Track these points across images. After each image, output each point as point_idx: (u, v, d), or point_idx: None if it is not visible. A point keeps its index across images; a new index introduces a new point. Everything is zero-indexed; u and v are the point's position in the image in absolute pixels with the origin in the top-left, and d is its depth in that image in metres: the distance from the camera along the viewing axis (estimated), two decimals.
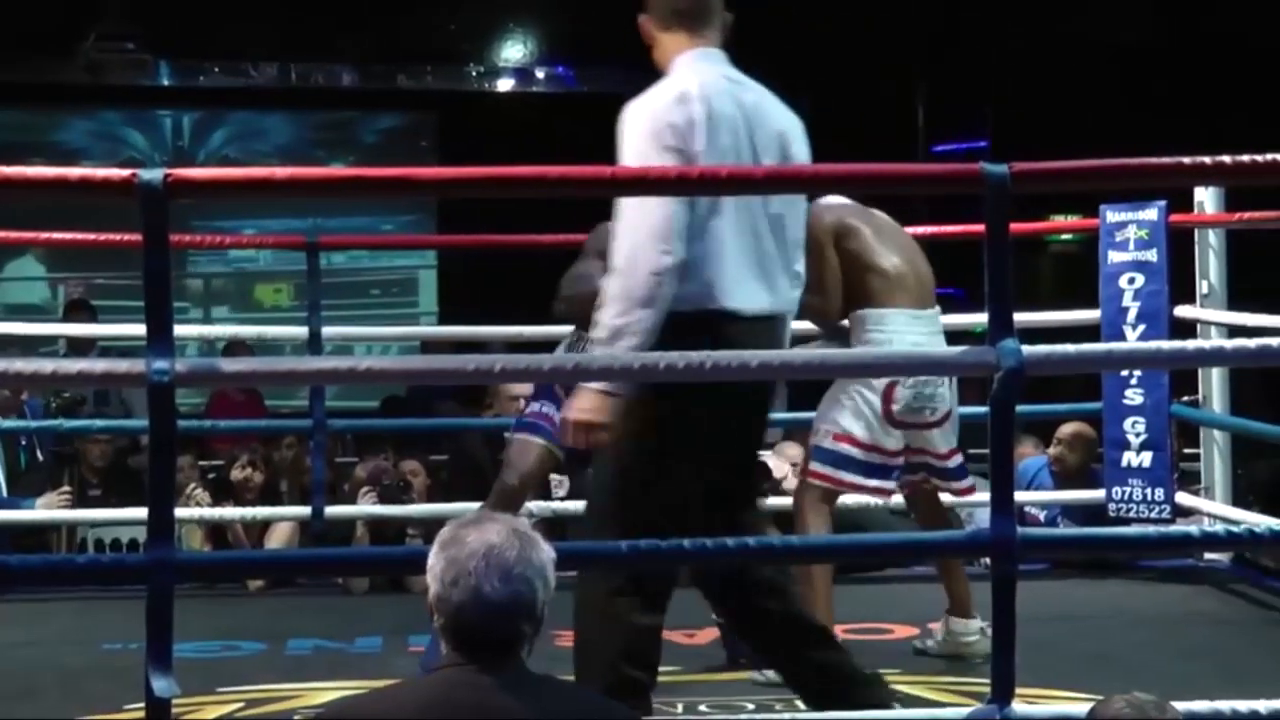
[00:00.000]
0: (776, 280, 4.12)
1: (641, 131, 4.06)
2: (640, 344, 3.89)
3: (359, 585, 6.87)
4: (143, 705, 3.64)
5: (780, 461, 7.13)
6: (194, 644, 5.27)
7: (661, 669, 5.47)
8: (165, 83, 12.88)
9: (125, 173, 3.74)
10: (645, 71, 4.34)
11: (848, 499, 5.68)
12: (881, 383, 5.32)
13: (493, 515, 2.76)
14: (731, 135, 4.04)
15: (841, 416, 5.41)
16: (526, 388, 7.37)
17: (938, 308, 5.55)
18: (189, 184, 3.79)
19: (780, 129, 4.16)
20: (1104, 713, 2.85)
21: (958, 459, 5.59)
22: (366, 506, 7.12)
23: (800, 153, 4.19)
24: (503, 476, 5.60)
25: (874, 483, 5.47)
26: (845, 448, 5.41)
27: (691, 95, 4.05)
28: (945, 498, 5.74)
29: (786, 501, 7.01)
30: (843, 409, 5.41)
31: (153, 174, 3.68)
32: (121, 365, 4.00)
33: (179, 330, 4.18)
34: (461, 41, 13.36)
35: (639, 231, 3.95)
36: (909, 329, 5.38)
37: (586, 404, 3.94)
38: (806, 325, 5.49)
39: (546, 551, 2.73)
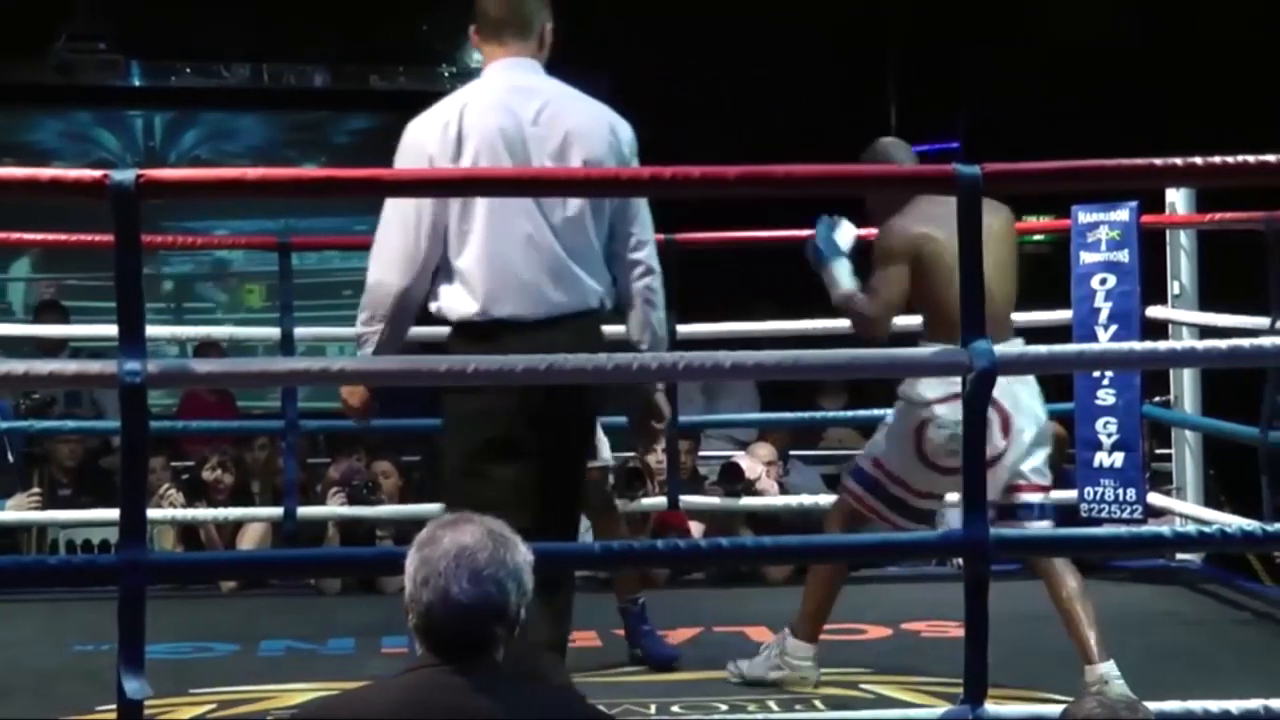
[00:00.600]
0: (573, 283, 4.20)
1: (399, 148, 4.28)
2: (379, 351, 4.26)
3: (331, 586, 6.86)
4: (114, 707, 3.63)
5: (753, 462, 7.14)
6: (166, 645, 5.26)
7: (634, 669, 5.52)
8: (136, 83, 12.83)
9: (96, 173, 3.73)
10: (615, 73, 4.35)
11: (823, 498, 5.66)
12: (914, 420, 5.02)
13: (471, 517, 2.75)
14: (488, 147, 4.15)
15: (884, 440, 5.17)
16: None
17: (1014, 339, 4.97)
18: (160, 185, 3.78)
19: (567, 135, 4.23)
20: (1076, 712, 2.85)
21: (1027, 495, 5.10)
22: (338, 508, 7.12)
23: (586, 157, 4.22)
24: None
25: (894, 517, 5.13)
26: (876, 473, 5.15)
27: (445, 113, 4.23)
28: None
29: (759, 502, 7.05)
30: (886, 432, 5.17)
31: (124, 175, 3.67)
32: (93, 366, 3.99)
33: (151, 331, 4.17)
34: (434, 42, 13.33)
35: (390, 250, 4.23)
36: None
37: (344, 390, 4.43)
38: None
39: (522, 554, 2.72)
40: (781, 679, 5.18)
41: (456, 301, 4.22)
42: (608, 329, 4.33)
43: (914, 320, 5.48)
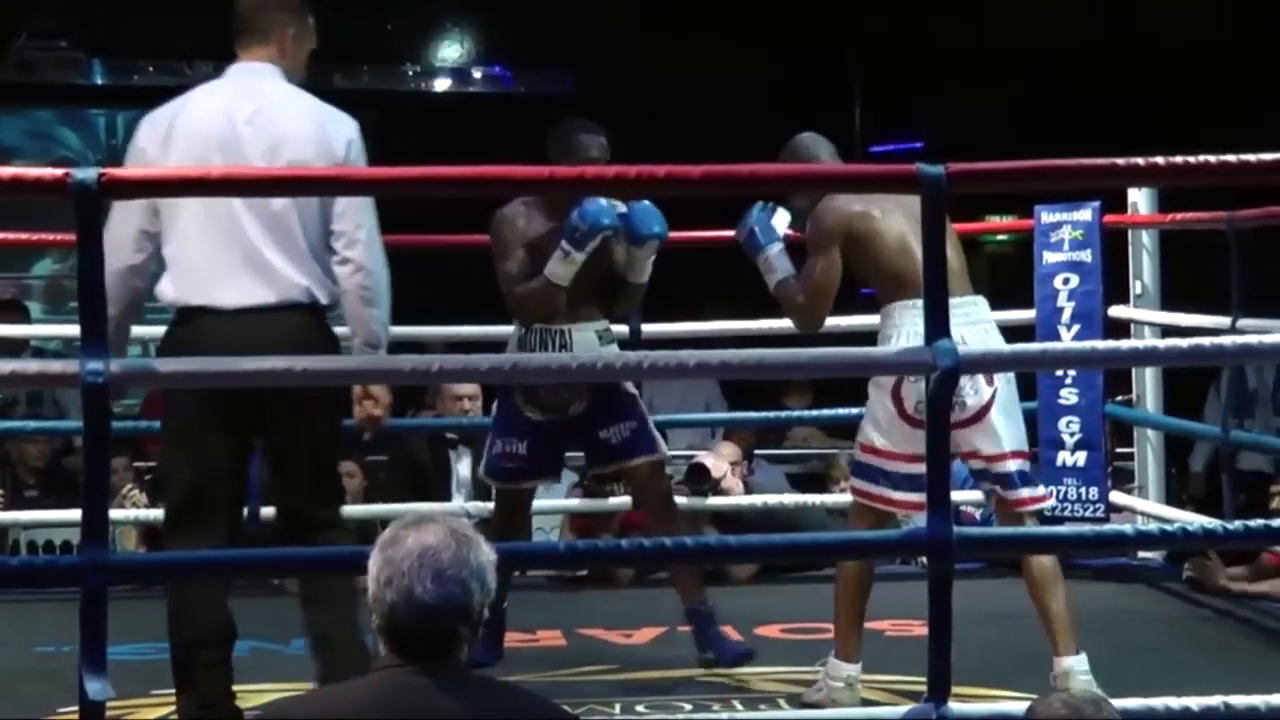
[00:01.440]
0: (270, 276, 4.34)
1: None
2: (112, 335, 4.12)
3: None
4: (76, 708, 3.61)
5: (719, 461, 7.14)
6: (128, 646, 5.23)
7: (599, 668, 5.51)
8: (99, 81, 12.78)
9: (58, 172, 3.73)
10: (581, 73, 4.37)
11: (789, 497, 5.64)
12: (888, 381, 4.87)
13: (434, 516, 2.75)
14: (199, 146, 4.31)
15: (865, 424, 5.01)
16: (469, 388, 7.38)
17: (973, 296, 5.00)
18: (123, 183, 3.78)
19: (277, 137, 4.37)
20: (1041, 711, 2.86)
21: (1015, 463, 4.99)
22: None
23: (292, 159, 4.35)
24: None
25: (903, 496, 4.92)
26: (869, 459, 4.99)
27: (168, 111, 4.50)
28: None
29: (725, 501, 7.05)
30: (866, 416, 5.01)
31: (86, 173, 3.66)
32: (55, 366, 3.98)
33: None
34: (398, 41, 13.32)
35: (108, 235, 4.19)
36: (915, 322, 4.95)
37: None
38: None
39: (486, 553, 2.72)
40: (818, 700, 4.99)
41: (165, 289, 4.42)
42: None
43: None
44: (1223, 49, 11.81)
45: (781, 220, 5.12)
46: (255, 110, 4.41)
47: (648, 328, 6.50)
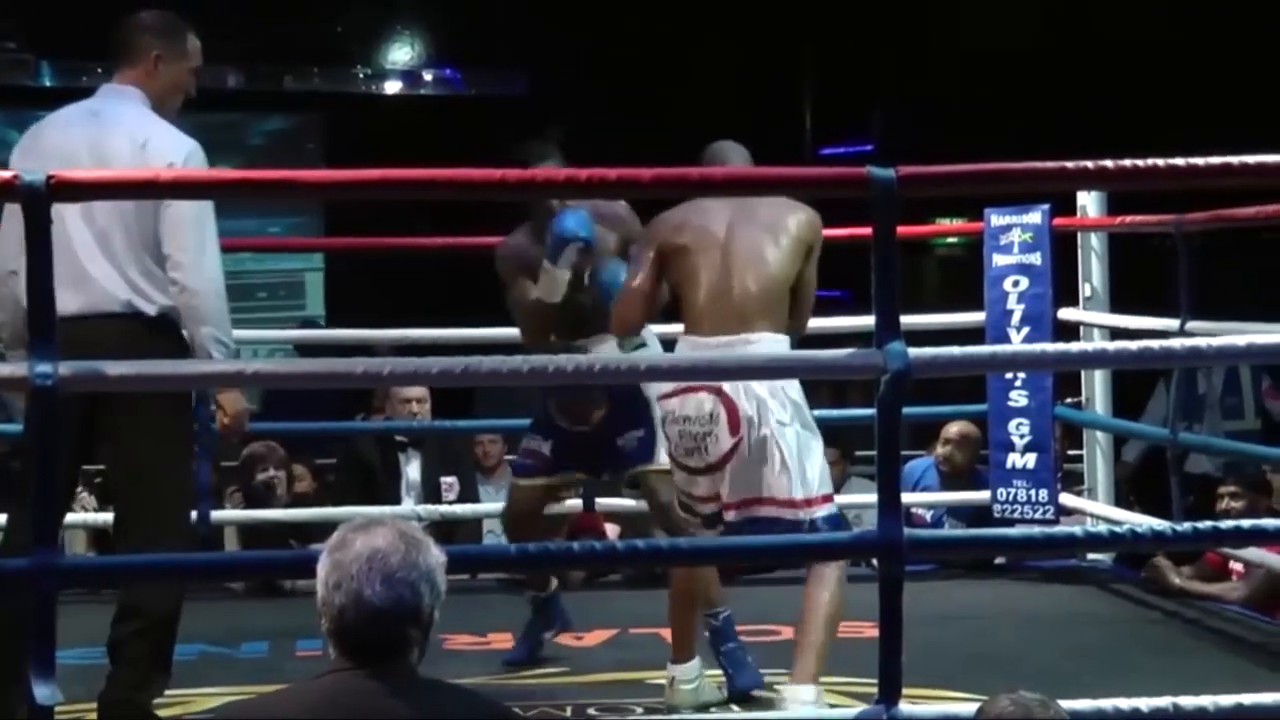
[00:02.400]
0: (88, 286, 4.46)
1: None
2: (7, 340, 4.53)
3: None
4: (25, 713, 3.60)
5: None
6: (78, 650, 5.20)
7: (550, 671, 5.51)
8: (47, 83, 12.73)
9: (7, 174, 3.71)
10: (531, 76, 4.38)
11: None
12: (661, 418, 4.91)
13: (382, 519, 2.75)
14: (45, 162, 4.21)
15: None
16: (417, 391, 7.37)
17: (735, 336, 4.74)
18: (72, 186, 3.76)
19: (101, 156, 4.46)
20: (990, 712, 2.87)
21: (767, 510, 4.76)
22: (251, 511, 7.10)
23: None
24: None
25: (705, 530, 4.86)
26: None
27: (38, 124, 4.69)
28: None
29: None
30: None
31: (35, 175, 3.65)
32: (3, 369, 3.95)
33: None
34: (349, 43, 13.30)
35: None
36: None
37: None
38: None
39: (435, 555, 2.72)
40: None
41: None
42: None
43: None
44: (1173, 52, 11.88)
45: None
46: (95, 132, 4.54)
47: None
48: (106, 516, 6.99)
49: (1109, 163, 3.92)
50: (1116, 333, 6.70)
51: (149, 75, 4.67)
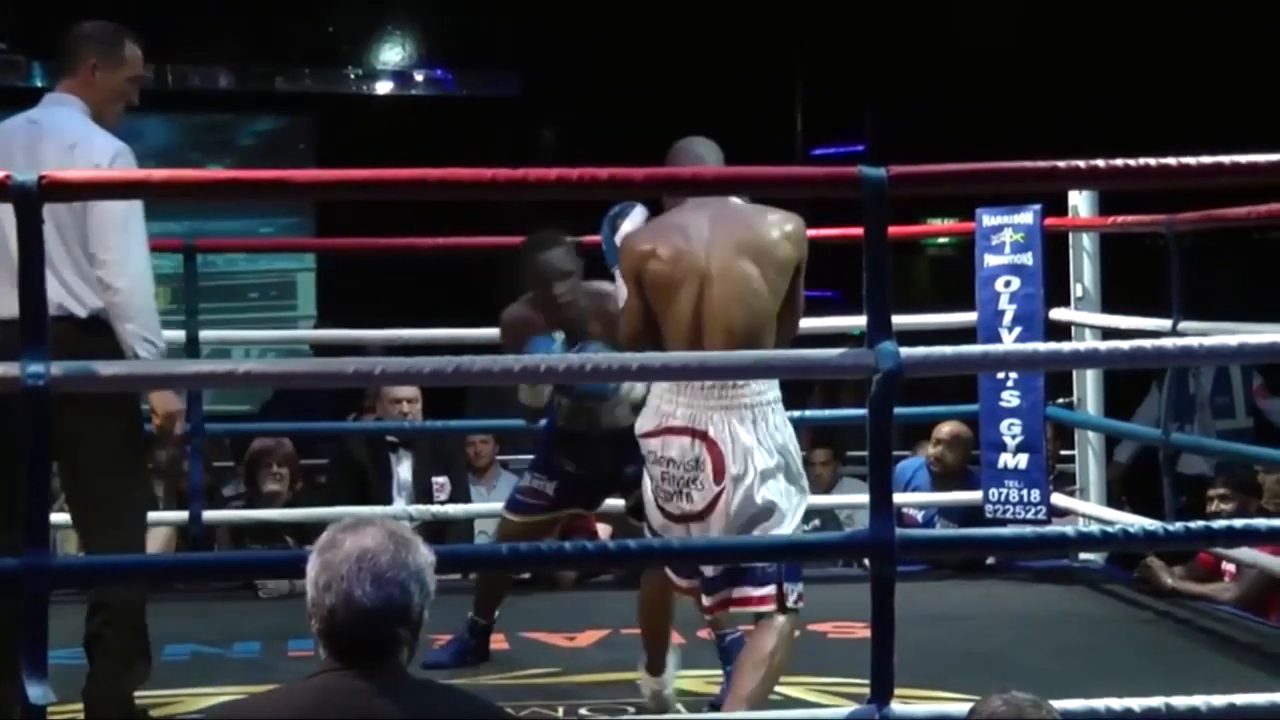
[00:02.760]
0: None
1: None
2: None
3: (280, 588, 6.65)
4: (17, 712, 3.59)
5: None
6: (70, 650, 5.20)
7: (542, 671, 5.51)
8: (39, 84, 12.72)
9: None
10: (523, 76, 4.37)
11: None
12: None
13: (372, 519, 2.75)
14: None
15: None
16: (409, 391, 7.37)
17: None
18: (63, 186, 3.75)
19: (40, 160, 4.45)
20: (982, 712, 2.87)
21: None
22: (242, 512, 7.11)
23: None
24: None
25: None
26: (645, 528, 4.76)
27: None
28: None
29: None
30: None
31: (26, 176, 3.64)
32: None
33: None
34: (340, 44, 13.30)
35: None
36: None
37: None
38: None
39: (425, 555, 2.72)
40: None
41: None
42: None
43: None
44: (1164, 51, 11.89)
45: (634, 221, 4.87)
46: (31, 139, 4.65)
47: None
48: None
49: (1100, 162, 3.92)
50: (1108, 333, 6.70)
51: (87, 84, 4.78)
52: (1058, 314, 6.98)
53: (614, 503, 6.90)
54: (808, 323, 5.14)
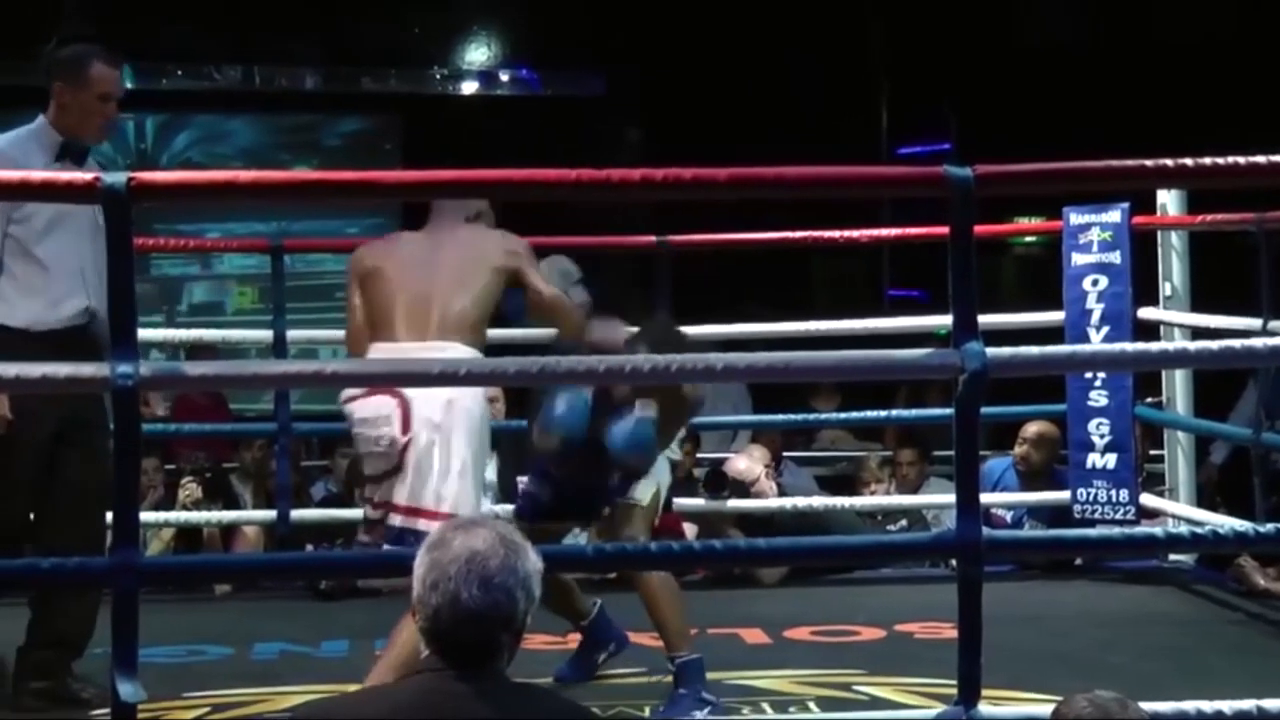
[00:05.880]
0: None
1: None
2: None
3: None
4: (108, 710, 3.63)
5: (752, 464, 7.12)
6: (160, 648, 5.25)
7: (628, 671, 5.51)
8: (128, 85, 12.81)
9: (89, 176, 3.75)
10: (607, 76, 4.38)
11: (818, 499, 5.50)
12: None
13: (483, 520, 2.74)
14: None
15: None
16: (492, 391, 7.37)
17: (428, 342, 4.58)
18: (152, 188, 3.79)
19: None
20: (1067, 712, 2.86)
21: (417, 520, 4.45)
22: (329, 510, 7.16)
23: None
24: None
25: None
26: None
27: None
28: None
29: (756, 504, 7.04)
30: None
31: (116, 178, 3.68)
32: (86, 369, 3.98)
33: (143, 334, 4.20)
34: (425, 44, 13.34)
35: None
36: None
37: None
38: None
39: (533, 561, 2.71)
40: None
41: None
42: None
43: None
44: (1244, 50, 11.79)
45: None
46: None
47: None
48: (188, 515, 7.09)
49: (1188, 160, 3.89)
50: (1197, 332, 6.65)
51: (59, 108, 5.08)
52: (1146, 313, 6.93)
53: (695, 502, 6.94)
54: (893, 322, 5.11)
